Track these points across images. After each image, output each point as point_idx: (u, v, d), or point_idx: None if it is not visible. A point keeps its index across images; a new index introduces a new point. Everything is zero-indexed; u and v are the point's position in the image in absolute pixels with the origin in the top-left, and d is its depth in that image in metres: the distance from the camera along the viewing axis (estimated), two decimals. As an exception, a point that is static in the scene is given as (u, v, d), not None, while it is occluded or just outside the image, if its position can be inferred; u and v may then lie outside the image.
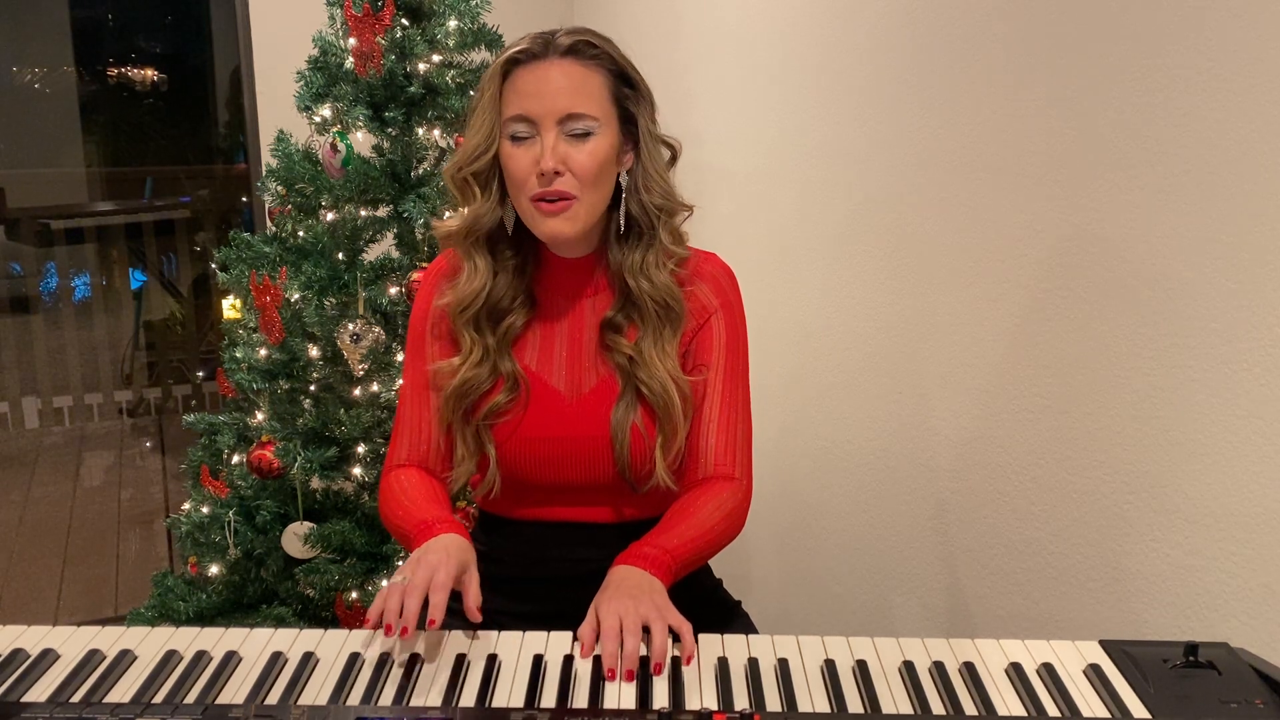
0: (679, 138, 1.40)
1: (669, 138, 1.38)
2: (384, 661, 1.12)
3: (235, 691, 1.08)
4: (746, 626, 1.51)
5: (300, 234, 2.22)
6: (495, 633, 1.19)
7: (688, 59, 2.49)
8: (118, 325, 5.20)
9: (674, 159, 1.39)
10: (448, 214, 2.08)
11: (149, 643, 1.16)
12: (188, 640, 1.17)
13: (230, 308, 2.45)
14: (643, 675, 1.10)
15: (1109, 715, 1.05)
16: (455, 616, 1.19)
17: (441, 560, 1.18)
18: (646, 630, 1.14)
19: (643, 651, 1.13)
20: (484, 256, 1.36)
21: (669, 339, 1.36)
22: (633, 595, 1.17)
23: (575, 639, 1.17)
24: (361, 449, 2.17)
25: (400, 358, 2.16)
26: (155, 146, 5.75)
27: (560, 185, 1.28)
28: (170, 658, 1.13)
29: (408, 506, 1.35)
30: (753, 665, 1.12)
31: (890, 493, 1.94)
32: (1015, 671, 1.12)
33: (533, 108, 1.28)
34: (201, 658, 1.13)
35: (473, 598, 1.20)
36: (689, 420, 1.37)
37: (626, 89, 1.34)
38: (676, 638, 1.15)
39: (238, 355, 2.22)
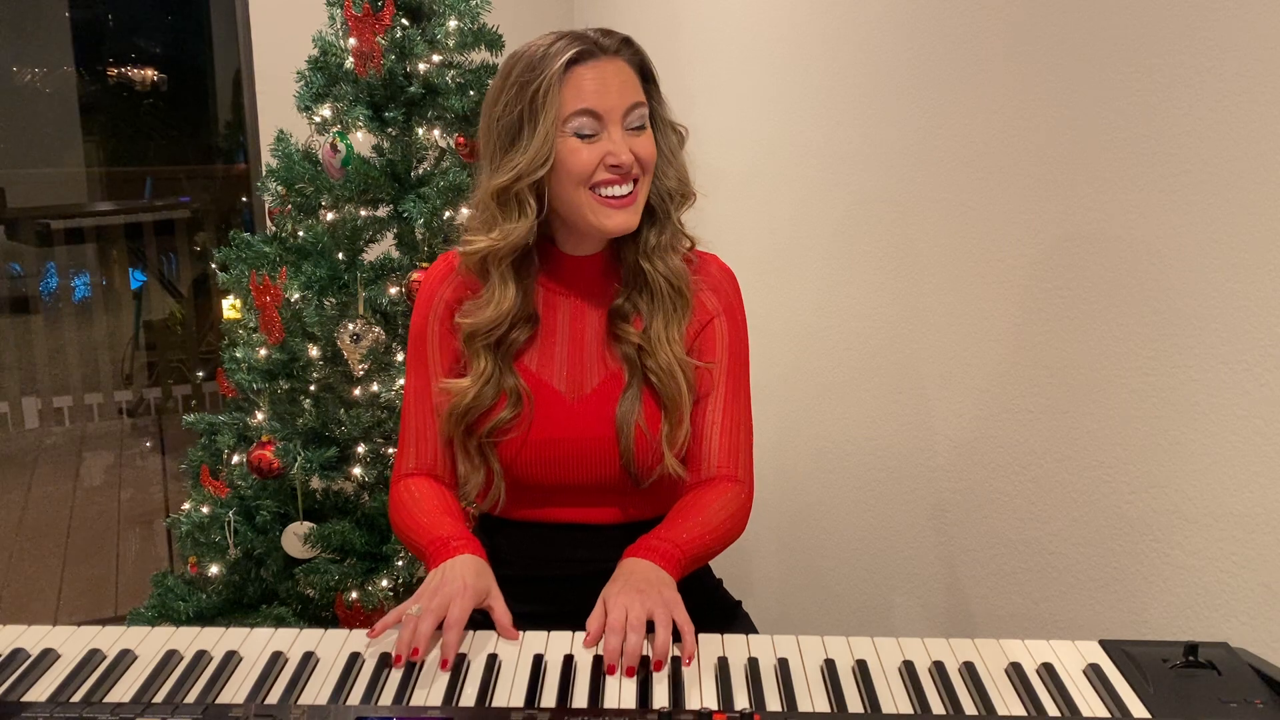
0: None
1: (677, 124, 1.39)
2: (384, 661, 1.13)
3: (235, 691, 1.08)
4: (747, 626, 1.51)
5: (300, 234, 2.22)
6: (495, 632, 1.20)
7: (687, 58, 2.49)
8: (118, 325, 5.20)
9: (681, 143, 1.41)
10: (462, 230, 2.08)
11: (149, 643, 1.16)
12: (188, 640, 1.17)
13: (230, 308, 2.46)
14: (643, 674, 1.11)
15: (1109, 715, 1.05)
16: (476, 612, 1.20)
17: (458, 592, 1.18)
18: (650, 628, 1.14)
19: (644, 650, 1.13)
20: (514, 277, 1.35)
21: (676, 323, 1.37)
22: (641, 589, 1.18)
23: (576, 632, 1.17)
24: (361, 449, 2.17)
25: (400, 357, 2.16)
26: (155, 146, 5.74)
27: (633, 173, 1.30)
28: (170, 657, 1.13)
29: (420, 520, 1.35)
30: (753, 665, 1.12)
31: (890, 493, 1.94)
32: (1015, 671, 1.12)
33: (600, 103, 1.28)
34: (202, 657, 1.13)
35: (503, 617, 1.21)
36: (691, 407, 1.38)
37: (647, 83, 1.35)
38: (678, 636, 1.15)
39: (238, 355, 2.22)
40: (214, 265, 2.33)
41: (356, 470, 2.18)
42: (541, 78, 1.27)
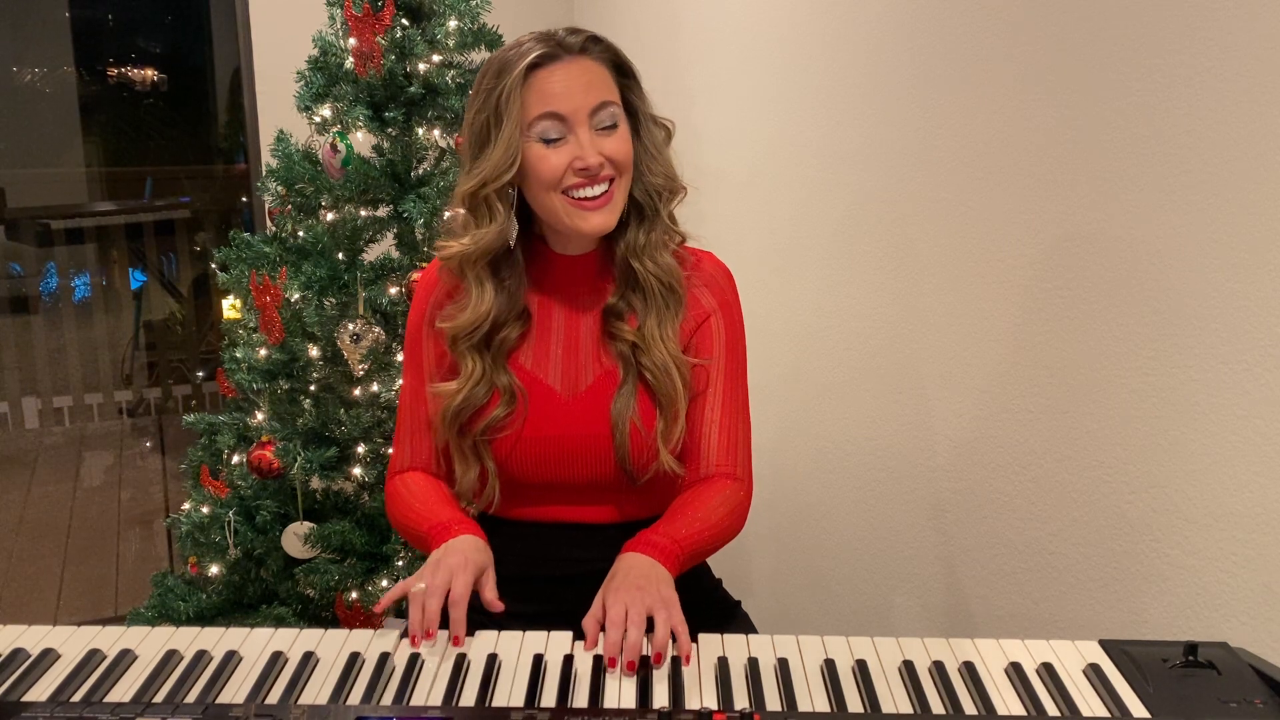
0: (678, 139, 1.41)
1: (663, 118, 1.39)
2: (384, 661, 1.13)
3: (236, 691, 1.08)
4: (746, 626, 1.51)
5: (300, 234, 2.22)
6: (495, 632, 1.20)
7: (687, 58, 2.49)
8: (118, 325, 5.20)
9: (668, 139, 1.40)
10: (444, 234, 2.07)
11: (149, 642, 1.16)
12: (188, 640, 1.17)
13: (230, 308, 2.46)
14: (643, 674, 1.11)
15: (1109, 715, 1.05)
16: (472, 611, 1.21)
17: (459, 565, 1.21)
18: (650, 626, 1.14)
19: (645, 650, 1.13)
20: (490, 279, 1.35)
21: (670, 320, 1.37)
22: (640, 586, 1.18)
23: (575, 638, 1.17)
24: (361, 449, 2.17)
25: (400, 357, 2.16)
26: (155, 146, 5.75)
27: (604, 174, 1.30)
28: (171, 657, 1.13)
29: (419, 509, 1.36)
30: (753, 665, 1.12)
31: (890, 493, 1.94)
32: (1015, 671, 1.12)
33: (564, 105, 1.27)
34: (202, 657, 1.13)
35: (489, 591, 1.24)
36: (688, 404, 1.38)
37: (624, 79, 1.35)
38: (674, 637, 1.15)
39: (238, 355, 2.23)
40: (214, 265, 2.33)
41: (356, 470, 2.18)
42: (503, 84, 1.28)
